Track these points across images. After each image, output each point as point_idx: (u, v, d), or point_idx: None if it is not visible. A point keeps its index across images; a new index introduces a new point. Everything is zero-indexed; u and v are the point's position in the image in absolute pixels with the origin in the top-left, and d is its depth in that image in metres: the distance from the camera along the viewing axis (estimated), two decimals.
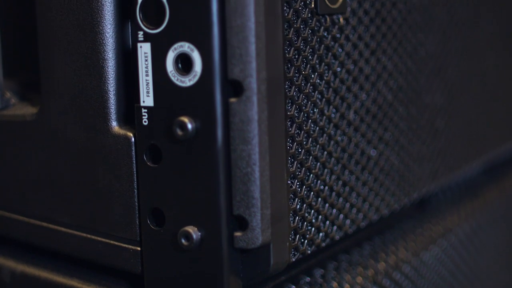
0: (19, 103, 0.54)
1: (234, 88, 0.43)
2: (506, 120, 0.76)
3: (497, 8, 0.73)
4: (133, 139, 0.46)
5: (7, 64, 0.55)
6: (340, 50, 0.50)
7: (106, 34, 0.46)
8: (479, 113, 0.70)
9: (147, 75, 0.44)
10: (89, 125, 0.47)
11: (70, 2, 0.47)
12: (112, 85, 0.46)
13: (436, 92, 0.62)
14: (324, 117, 0.49)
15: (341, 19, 0.50)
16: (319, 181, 0.49)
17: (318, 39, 0.48)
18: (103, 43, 0.46)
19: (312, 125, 0.48)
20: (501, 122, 0.75)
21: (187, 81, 0.43)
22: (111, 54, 0.46)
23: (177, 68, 0.43)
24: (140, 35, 0.44)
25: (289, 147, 0.46)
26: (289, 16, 0.45)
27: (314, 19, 0.47)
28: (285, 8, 0.45)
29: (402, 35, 0.57)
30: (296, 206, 0.47)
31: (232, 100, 0.42)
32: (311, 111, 0.48)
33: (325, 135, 0.49)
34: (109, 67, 0.46)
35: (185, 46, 0.43)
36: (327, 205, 0.50)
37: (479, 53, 0.69)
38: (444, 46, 0.63)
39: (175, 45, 0.43)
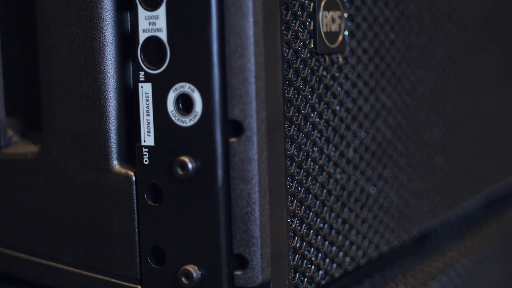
0: (21, 141, 0.54)
1: (234, 128, 0.43)
2: (505, 156, 0.76)
3: (495, 46, 0.73)
4: (134, 178, 0.46)
5: (9, 102, 0.55)
6: (339, 89, 0.50)
7: (108, 74, 0.47)
8: (478, 149, 0.70)
9: (148, 115, 0.45)
10: (91, 164, 0.48)
11: (72, 42, 0.48)
12: (113, 124, 0.47)
13: (435, 129, 0.62)
14: (324, 155, 0.49)
15: (340, 58, 0.50)
16: (318, 219, 0.49)
17: (318, 79, 0.48)
18: (104, 82, 0.47)
19: (312, 164, 0.48)
20: (500, 158, 0.75)
21: (188, 121, 0.43)
22: (112, 94, 0.47)
23: (177, 108, 0.44)
24: (141, 75, 0.45)
25: (289, 185, 0.46)
26: (289, 56, 0.46)
27: (314, 58, 0.48)
28: (284, 48, 0.46)
29: (401, 73, 0.57)
30: (296, 244, 0.47)
31: (232, 140, 0.43)
32: (311, 150, 0.48)
33: (324, 173, 0.50)
34: (110, 106, 0.47)
35: (185, 87, 0.43)
36: (326, 243, 0.50)
37: (477, 90, 0.70)
38: (443, 83, 0.64)
39: (176, 86, 0.43)
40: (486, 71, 0.72)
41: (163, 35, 0.44)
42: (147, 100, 0.45)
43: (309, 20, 0.47)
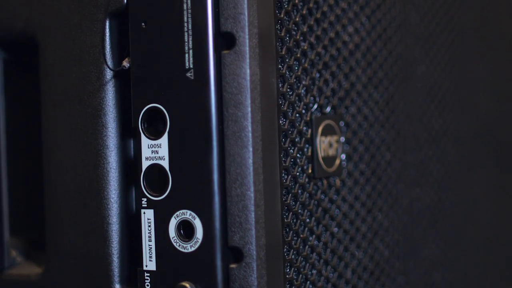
0: (25, 262, 0.55)
1: (234, 254, 0.44)
2: (502, 270, 0.77)
3: (491, 158, 0.75)
4: None
5: (13, 222, 0.56)
6: (337, 211, 0.52)
7: (111, 199, 0.48)
8: (475, 263, 0.71)
9: (150, 240, 0.46)
10: (93, 287, 0.48)
11: (76, 167, 0.49)
12: (115, 248, 0.48)
13: (432, 245, 0.63)
14: (322, 277, 0.50)
15: (337, 182, 0.52)
16: None
17: (316, 202, 0.50)
18: (108, 207, 0.48)
19: (310, 287, 0.49)
20: (497, 272, 0.76)
21: (189, 247, 0.44)
22: (115, 219, 0.48)
23: (179, 235, 0.45)
24: (144, 201, 0.46)
25: None
26: (288, 183, 0.47)
27: (312, 183, 0.49)
28: (283, 174, 0.47)
29: (398, 192, 0.58)
30: None
31: (233, 266, 0.44)
32: (309, 273, 0.49)
33: None
34: (113, 231, 0.48)
35: (187, 214, 0.44)
36: None
37: (474, 204, 0.71)
38: (439, 198, 0.65)
39: (178, 212, 0.45)
40: (482, 184, 0.73)
41: (165, 163, 0.45)
42: (149, 226, 0.46)
43: (307, 146, 0.49)
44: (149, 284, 0.46)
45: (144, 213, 0.46)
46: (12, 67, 0.56)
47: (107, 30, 0.48)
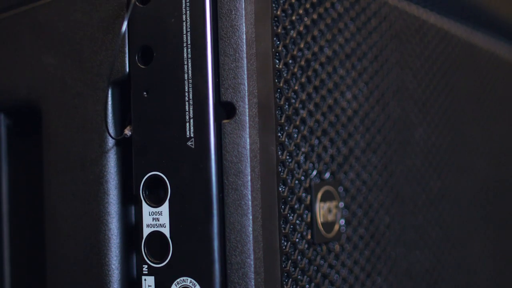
0: None
1: None
2: None
3: (489, 221, 0.75)
4: None
5: None
6: (336, 276, 0.52)
7: (112, 266, 0.48)
8: None
9: None
10: None
11: (78, 234, 0.49)
12: None
13: None
14: None
15: (336, 247, 0.52)
16: None
17: (315, 268, 0.50)
18: (109, 274, 0.48)
19: None
20: None
21: None
22: (116, 285, 0.48)
23: None
24: (145, 268, 0.46)
25: None
26: (287, 249, 0.47)
27: (311, 249, 0.50)
28: (283, 241, 0.47)
29: (397, 255, 0.59)
30: None
31: None
32: None
33: None
34: None
35: (187, 281, 0.45)
36: None
37: (473, 266, 0.71)
38: (438, 260, 0.65)
39: (178, 279, 0.45)
40: (482, 247, 0.73)
41: (166, 231, 0.46)
42: None
43: (306, 212, 0.49)
44: None
45: (145, 280, 0.46)
46: (15, 132, 0.57)
47: (109, 98, 0.48)
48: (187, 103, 0.45)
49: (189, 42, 0.45)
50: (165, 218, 0.46)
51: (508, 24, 0.85)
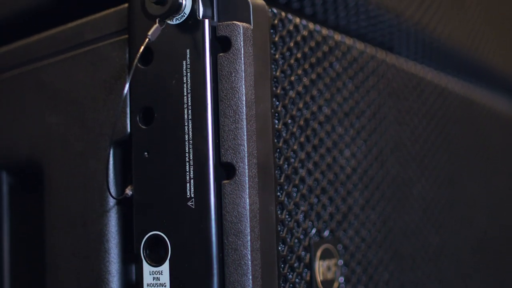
0: None
1: None
2: None
3: (489, 275, 0.75)
4: None
5: None
6: None
7: None
8: None
9: None
10: None
11: (78, 270, 0.50)
12: None
13: None
14: None
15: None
16: None
17: None
18: None
19: None
20: None
21: None
22: None
23: None
24: None
25: None
26: None
27: None
28: (281, 282, 0.47)
29: None
30: None
31: None
32: None
33: None
34: None
35: None
36: None
37: None
38: None
39: None
40: None
41: None
42: None
43: (305, 271, 0.50)
44: None
45: None
46: (17, 190, 0.58)
47: (111, 158, 0.49)
48: (187, 163, 0.45)
49: (189, 104, 0.46)
50: (165, 278, 0.46)
51: (504, 78, 0.86)
